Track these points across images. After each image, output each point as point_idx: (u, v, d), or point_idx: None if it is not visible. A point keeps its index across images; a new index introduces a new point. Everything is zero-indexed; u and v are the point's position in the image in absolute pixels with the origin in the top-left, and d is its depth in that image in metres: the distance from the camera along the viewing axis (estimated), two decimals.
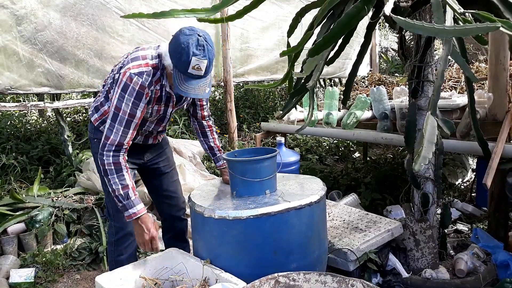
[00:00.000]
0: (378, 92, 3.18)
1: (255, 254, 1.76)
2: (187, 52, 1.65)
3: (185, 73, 1.70)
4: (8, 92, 3.37)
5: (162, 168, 2.22)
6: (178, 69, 1.70)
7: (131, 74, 1.74)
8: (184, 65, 1.67)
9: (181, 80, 1.71)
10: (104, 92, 1.98)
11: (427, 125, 1.58)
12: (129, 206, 1.80)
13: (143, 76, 1.75)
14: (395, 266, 2.33)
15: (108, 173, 1.79)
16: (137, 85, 1.74)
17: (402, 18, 1.46)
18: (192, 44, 1.66)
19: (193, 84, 1.72)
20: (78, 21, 3.60)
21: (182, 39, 1.67)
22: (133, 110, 1.77)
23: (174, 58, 1.70)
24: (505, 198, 2.54)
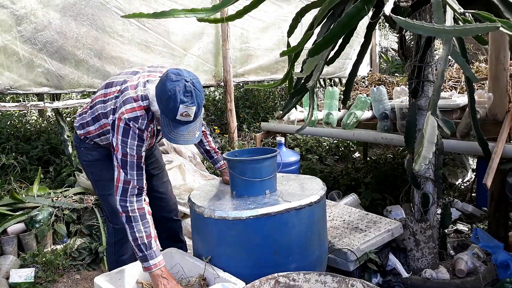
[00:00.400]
0: (378, 92, 3.18)
1: (255, 254, 1.76)
2: (174, 100, 1.60)
3: (173, 120, 1.66)
4: (8, 92, 3.37)
5: (151, 171, 2.20)
6: (166, 116, 1.66)
7: (127, 120, 1.71)
8: (172, 112, 1.63)
9: (170, 127, 1.68)
10: (92, 114, 1.94)
11: (427, 125, 1.58)
12: (150, 257, 1.71)
13: (138, 121, 1.72)
14: (395, 266, 2.33)
15: (132, 220, 1.71)
16: (136, 129, 1.72)
17: (402, 18, 1.46)
18: (180, 91, 1.60)
19: (182, 130, 1.68)
20: (78, 21, 3.60)
21: (168, 86, 1.61)
22: (138, 152, 1.75)
23: (161, 105, 1.65)
24: (505, 198, 2.54)
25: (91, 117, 1.96)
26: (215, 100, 6.74)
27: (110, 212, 2.06)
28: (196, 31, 4.41)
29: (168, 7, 3.72)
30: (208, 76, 4.64)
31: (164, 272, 1.72)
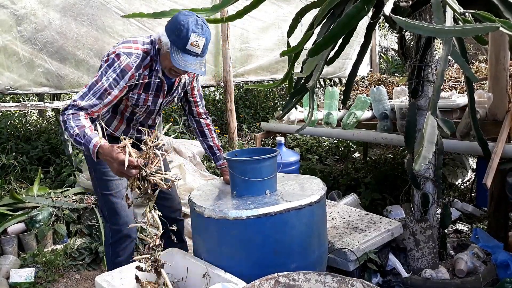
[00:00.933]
0: (378, 92, 3.18)
1: (255, 254, 1.76)
2: (186, 29, 1.69)
3: (183, 50, 1.72)
4: (8, 92, 3.37)
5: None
6: (176, 46, 1.73)
7: (120, 52, 1.76)
8: (183, 41, 1.70)
9: (178, 55, 1.73)
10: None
11: (427, 125, 1.58)
12: (88, 142, 1.64)
13: (131, 56, 1.77)
14: (395, 266, 2.33)
15: (66, 122, 1.70)
16: (123, 63, 1.75)
17: (402, 18, 1.46)
18: (192, 22, 1.70)
19: (190, 60, 1.74)
20: (78, 21, 3.60)
21: (181, 18, 1.71)
22: (111, 86, 1.76)
23: (172, 35, 1.72)
24: (505, 198, 2.54)
25: None
26: (215, 100, 6.74)
27: (109, 212, 2.05)
28: None
29: (168, 7, 3.72)
30: (208, 76, 4.64)
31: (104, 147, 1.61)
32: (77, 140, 1.68)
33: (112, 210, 2.02)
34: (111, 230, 2.06)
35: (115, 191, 2.02)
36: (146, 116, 2.05)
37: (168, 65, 1.82)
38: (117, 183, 2.02)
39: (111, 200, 2.02)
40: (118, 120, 2.02)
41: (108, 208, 2.04)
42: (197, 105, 2.24)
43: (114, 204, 2.02)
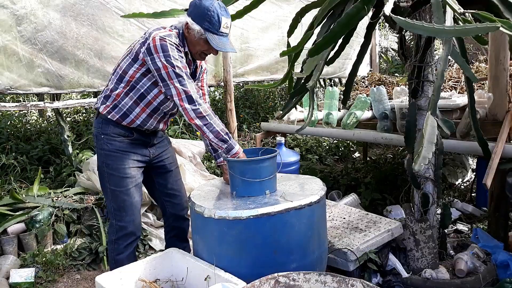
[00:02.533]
0: (378, 92, 3.18)
1: (255, 254, 1.76)
2: (217, 14, 1.83)
3: (217, 33, 1.87)
4: (8, 92, 3.37)
5: (167, 166, 2.23)
6: (210, 31, 1.85)
7: (161, 36, 1.84)
8: (217, 25, 1.85)
9: (216, 39, 1.86)
10: (115, 77, 1.98)
11: (427, 125, 1.58)
12: (234, 144, 1.92)
13: (172, 37, 1.86)
14: (395, 266, 2.33)
15: (208, 118, 1.87)
16: (172, 42, 1.85)
17: (402, 18, 1.46)
18: (217, 6, 1.84)
19: (225, 41, 1.90)
20: (78, 21, 3.60)
21: (206, 4, 1.83)
22: (182, 62, 1.87)
23: (204, 22, 1.84)
24: (505, 198, 2.54)
25: (115, 80, 1.98)
26: (215, 100, 6.74)
27: (116, 209, 2.04)
28: None
29: (168, 7, 3.72)
30: (208, 76, 4.62)
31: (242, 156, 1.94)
32: (224, 138, 1.91)
33: (120, 207, 2.03)
34: (116, 227, 2.06)
35: (126, 189, 2.02)
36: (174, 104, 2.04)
37: (200, 49, 1.95)
38: (128, 181, 2.03)
39: (121, 197, 2.02)
40: (141, 108, 2.00)
41: (117, 205, 2.04)
42: (205, 98, 2.25)
43: (124, 201, 2.03)
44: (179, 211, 2.29)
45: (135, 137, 2.03)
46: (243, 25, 4.86)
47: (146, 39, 1.87)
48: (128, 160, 2.02)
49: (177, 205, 2.28)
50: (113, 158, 2.01)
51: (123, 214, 2.03)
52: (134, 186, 2.05)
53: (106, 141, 2.00)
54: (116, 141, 2.01)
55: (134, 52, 1.93)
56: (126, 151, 2.02)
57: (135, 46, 1.95)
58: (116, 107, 1.98)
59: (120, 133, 2.01)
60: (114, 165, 2.00)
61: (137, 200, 2.07)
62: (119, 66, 2.00)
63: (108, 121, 2.00)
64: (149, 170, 2.20)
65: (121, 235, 2.06)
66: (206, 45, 1.92)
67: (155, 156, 2.16)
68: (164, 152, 2.21)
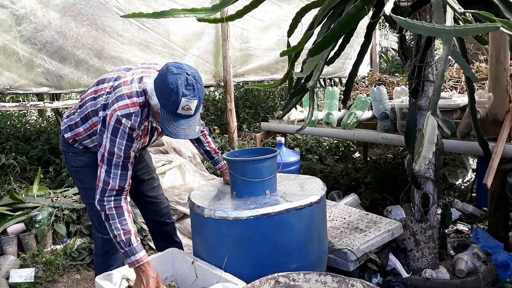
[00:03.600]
0: (378, 92, 3.18)
1: (255, 254, 1.76)
2: (176, 93, 1.57)
3: (174, 114, 1.62)
4: (8, 92, 3.37)
5: (141, 176, 2.16)
6: (166, 110, 1.63)
7: (119, 116, 1.65)
8: (174, 106, 1.60)
9: (170, 121, 1.64)
10: (82, 113, 1.88)
11: (427, 125, 1.58)
12: (131, 253, 1.69)
13: (131, 118, 1.66)
14: (395, 266, 2.33)
15: (110, 218, 1.70)
16: (127, 128, 1.66)
17: (402, 18, 1.46)
18: (181, 84, 1.57)
19: (182, 124, 1.65)
20: (77, 21, 3.60)
21: (170, 79, 1.58)
22: (126, 153, 1.69)
23: (162, 98, 1.62)
24: (505, 198, 2.54)
25: (79, 117, 1.89)
26: (215, 100, 6.74)
27: (99, 222, 1.95)
28: (196, 31, 4.41)
29: (168, 7, 3.71)
30: (208, 76, 4.64)
31: (146, 268, 1.69)
32: (120, 244, 1.70)
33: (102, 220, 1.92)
34: (102, 240, 2.00)
35: None
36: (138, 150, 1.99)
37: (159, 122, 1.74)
38: None
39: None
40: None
41: (98, 218, 1.94)
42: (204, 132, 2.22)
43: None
44: (159, 217, 2.26)
45: None
46: (243, 25, 4.86)
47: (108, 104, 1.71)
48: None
49: (156, 212, 2.24)
50: (83, 173, 1.95)
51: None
52: None
53: (74, 158, 1.96)
54: (84, 156, 1.95)
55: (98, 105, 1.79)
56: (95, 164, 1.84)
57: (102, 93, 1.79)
58: (77, 142, 1.92)
59: (87, 150, 1.95)
60: (86, 180, 1.94)
61: None
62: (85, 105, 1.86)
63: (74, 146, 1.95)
64: None
65: (108, 248, 2.01)
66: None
67: None
68: (138, 163, 2.12)
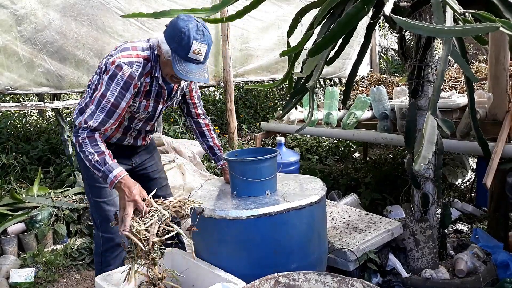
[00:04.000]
0: (378, 92, 3.18)
1: (255, 254, 1.76)
2: (188, 37, 1.64)
3: (185, 58, 1.68)
4: (8, 92, 3.37)
5: (150, 174, 2.16)
6: (177, 54, 1.68)
7: (121, 63, 1.69)
8: (185, 49, 1.66)
9: (181, 64, 1.68)
10: (89, 92, 1.88)
11: (427, 125, 1.58)
12: (108, 171, 1.67)
13: (133, 66, 1.71)
14: (395, 266, 2.33)
15: (83, 146, 1.69)
16: (126, 75, 1.69)
17: (402, 18, 1.46)
18: (192, 29, 1.65)
19: (193, 69, 1.70)
20: (78, 21, 3.60)
21: (181, 24, 1.65)
22: (117, 100, 1.71)
23: (173, 43, 1.67)
24: (505, 198, 2.54)
25: (89, 96, 1.88)
26: (215, 100, 6.74)
27: (101, 220, 1.98)
28: None
29: (168, 7, 3.71)
30: (208, 76, 4.63)
31: (126, 180, 1.67)
32: (96, 166, 1.69)
33: (104, 218, 1.96)
34: (103, 238, 2.00)
35: (108, 199, 1.96)
36: (145, 122, 2.00)
37: (169, 72, 1.77)
38: (110, 192, 1.96)
39: (104, 208, 1.96)
40: (114, 129, 1.93)
41: (101, 216, 1.98)
42: (196, 106, 2.19)
43: (107, 211, 1.96)
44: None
45: (115, 147, 1.94)
46: (243, 25, 4.86)
47: (111, 57, 1.76)
48: None
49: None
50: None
51: (109, 225, 1.93)
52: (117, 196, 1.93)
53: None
54: None
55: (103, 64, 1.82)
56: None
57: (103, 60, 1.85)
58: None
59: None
60: (95, 176, 1.89)
61: None
62: (92, 80, 1.90)
63: None
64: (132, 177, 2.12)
65: (108, 247, 2.00)
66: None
67: (137, 164, 2.09)
68: (147, 160, 2.14)
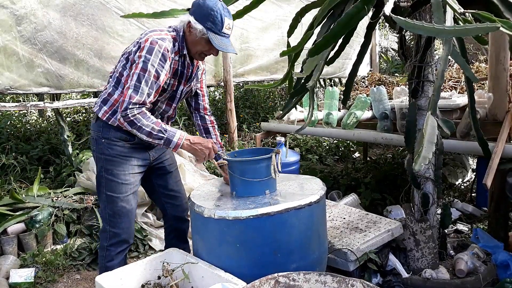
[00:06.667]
0: (378, 92, 3.18)
1: (255, 254, 1.76)
2: (220, 14, 1.84)
3: (219, 34, 1.86)
4: (8, 92, 3.37)
5: (167, 167, 2.20)
6: (213, 31, 1.85)
7: (155, 39, 1.81)
8: (220, 26, 1.85)
9: (218, 40, 1.86)
10: (113, 80, 1.96)
11: (427, 125, 1.58)
12: (171, 136, 1.84)
13: (165, 41, 1.84)
14: (395, 266, 2.33)
15: (136, 122, 1.80)
16: (162, 47, 1.82)
17: (402, 18, 1.46)
18: (221, 7, 1.85)
19: (227, 42, 1.90)
20: (78, 21, 3.60)
21: (210, 5, 1.83)
22: (158, 72, 1.82)
23: (207, 22, 1.83)
24: (505, 198, 2.54)
25: (111, 86, 1.96)
26: (215, 100, 6.74)
27: (112, 214, 2.00)
28: None
29: (168, 7, 3.72)
30: (208, 76, 4.64)
31: (191, 139, 1.89)
32: (158, 136, 1.83)
33: (116, 213, 1.99)
34: (110, 233, 2.02)
35: (123, 195, 1.99)
36: (168, 103, 2.05)
37: (200, 49, 1.93)
38: (127, 188, 1.99)
39: (117, 204, 1.98)
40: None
41: (112, 211, 2.00)
42: (204, 98, 2.26)
43: (120, 208, 1.99)
44: (180, 213, 2.26)
45: (136, 140, 1.97)
46: (243, 25, 4.86)
47: (141, 39, 1.86)
48: (129, 165, 1.98)
49: (178, 207, 2.25)
50: (113, 163, 1.96)
51: (118, 221, 1.99)
52: (132, 193, 2.02)
53: (107, 146, 1.96)
54: (117, 145, 1.96)
55: (127, 53, 1.92)
56: (127, 156, 1.98)
57: (129, 47, 1.94)
58: (116, 112, 1.93)
59: (121, 137, 1.96)
60: (114, 171, 1.96)
61: (133, 207, 2.05)
62: (115, 69, 1.98)
63: (108, 126, 1.96)
64: (148, 172, 2.15)
65: (114, 242, 2.01)
66: (207, 45, 1.91)
67: (155, 159, 2.13)
68: (163, 154, 2.19)
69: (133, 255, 2.93)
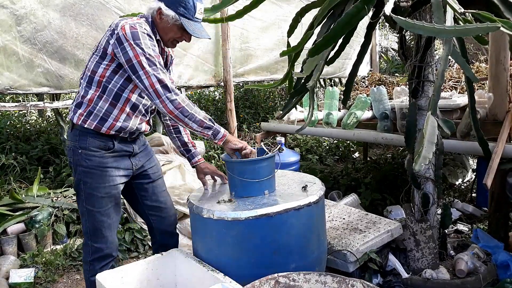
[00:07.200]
0: (378, 92, 3.18)
1: (254, 255, 1.76)
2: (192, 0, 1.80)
3: (192, 19, 1.82)
4: (8, 92, 3.37)
5: (151, 175, 2.06)
6: (185, 17, 1.80)
7: (131, 24, 1.74)
8: (192, 11, 1.81)
9: (191, 26, 1.82)
10: (85, 81, 1.83)
11: (427, 125, 1.57)
12: (219, 128, 1.85)
13: (142, 24, 1.78)
14: (395, 267, 2.33)
15: (188, 109, 1.75)
16: (142, 29, 1.75)
17: (402, 18, 1.46)
18: None
19: (200, 28, 1.86)
20: (77, 21, 3.60)
21: None
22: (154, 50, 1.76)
23: (179, 8, 1.78)
24: (505, 198, 2.54)
25: (85, 84, 1.83)
26: (215, 100, 6.74)
27: (92, 229, 1.90)
28: None
29: None
30: (208, 76, 4.63)
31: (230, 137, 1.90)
32: (208, 125, 1.82)
33: (96, 228, 1.89)
34: (92, 248, 1.92)
35: (104, 209, 1.88)
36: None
37: (173, 36, 1.87)
38: (107, 201, 1.88)
39: (98, 218, 1.88)
40: (119, 108, 1.83)
41: (92, 226, 1.89)
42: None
43: (101, 222, 1.89)
44: (166, 226, 2.12)
45: (116, 148, 1.87)
46: (243, 25, 4.86)
47: (114, 30, 1.74)
48: (109, 177, 1.85)
49: (164, 219, 2.11)
50: (92, 176, 1.83)
51: (100, 235, 1.89)
52: (113, 206, 1.91)
53: (84, 157, 1.82)
54: (96, 156, 1.82)
55: (101, 48, 1.79)
56: (107, 167, 1.84)
57: (101, 42, 1.81)
58: (91, 113, 1.80)
59: (100, 146, 1.83)
60: (93, 184, 1.83)
61: (114, 220, 1.94)
62: (87, 68, 1.84)
63: (85, 133, 1.82)
64: (131, 182, 2.01)
65: (96, 257, 1.92)
66: (179, 31, 1.85)
67: (138, 168, 2.00)
68: (148, 162, 2.05)
69: (133, 255, 2.93)
